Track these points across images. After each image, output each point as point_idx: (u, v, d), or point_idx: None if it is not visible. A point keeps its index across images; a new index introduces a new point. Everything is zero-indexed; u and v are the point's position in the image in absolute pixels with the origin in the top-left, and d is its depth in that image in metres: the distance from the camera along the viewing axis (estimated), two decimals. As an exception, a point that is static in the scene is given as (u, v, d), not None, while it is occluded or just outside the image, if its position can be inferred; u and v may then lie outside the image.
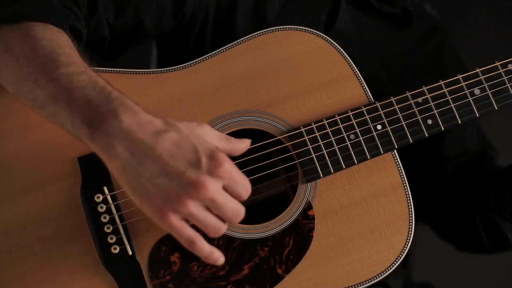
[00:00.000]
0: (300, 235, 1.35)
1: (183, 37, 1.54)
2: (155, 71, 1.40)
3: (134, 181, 1.13)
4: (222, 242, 1.34)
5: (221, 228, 1.18)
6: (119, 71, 1.39)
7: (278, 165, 1.41)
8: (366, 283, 1.35)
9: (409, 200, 1.37)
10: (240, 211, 1.18)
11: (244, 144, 1.26)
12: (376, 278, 1.35)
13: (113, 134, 1.13)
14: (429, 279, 1.83)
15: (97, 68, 1.36)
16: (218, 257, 1.23)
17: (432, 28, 1.71)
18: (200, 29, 1.53)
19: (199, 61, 1.41)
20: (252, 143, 1.38)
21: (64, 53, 1.20)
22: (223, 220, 1.18)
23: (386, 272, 1.35)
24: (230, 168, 1.15)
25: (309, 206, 1.36)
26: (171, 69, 1.40)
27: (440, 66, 1.68)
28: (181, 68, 1.40)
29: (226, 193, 1.16)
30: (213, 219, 1.17)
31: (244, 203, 1.46)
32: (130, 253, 1.31)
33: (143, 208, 1.15)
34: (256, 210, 1.48)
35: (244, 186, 1.18)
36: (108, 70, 1.38)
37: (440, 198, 1.73)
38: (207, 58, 1.41)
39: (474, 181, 1.68)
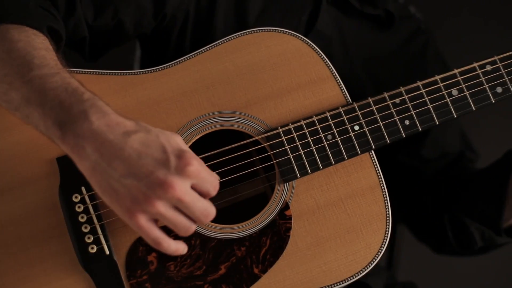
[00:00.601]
0: (277, 235, 1.36)
1: (164, 38, 1.55)
2: (134, 72, 1.41)
3: (103, 181, 1.14)
4: (199, 242, 1.34)
5: (191, 227, 1.19)
6: (99, 72, 1.40)
7: (256, 165, 1.41)
8: (342, 283, 1.35)
9: (386, 200, 1.38)
10: (209, 210, 1.18)
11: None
12: (353, 278, 1.35)
13: (83, 135, 1.14)
14: (415, 280, 1.83)
15: (76, 69, 1.38)
16: (183, 249, 1.23)
17: (416, 29, 1.72)
18: (181, 30, 1.54)
19: (178, 62, 1.42)
20: (230, 144, 1.39)
21: (38, 55, 1.21)
22: (192, 220, 1.19)
23: (363, 272, 1.35)
24: (198, 167, 1.15)
25: (286, 206, 1.37)
26: (150, 70, 1.41)
27: (424, 67, 1.69)
28: (160, 69, 1.41)
29: (195, 192, 1.16)
30: (182, 218, 1.17)
31: (222, 203, 1.48)
32: (108, 252, 1.32)
33: (113, 208, 1.16)
34: (235, 210, 1.49)
35: (212, 183, 1.19)
36: (88, 71, 1.39)
37: (417, 200, 1.74)
38: (185, 59, 1.42)
39: (449, 183, 1.69)
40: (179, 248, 1.22)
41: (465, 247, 1.67)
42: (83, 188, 1.33)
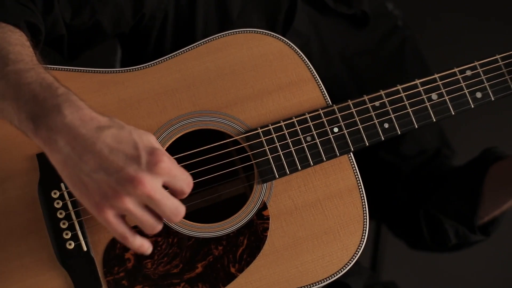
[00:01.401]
0: (254, 235, 1.36)
1: (144, 37, 1.56)
2: (116, 70, 1.42)
3: (74, 175, 1.15)
4: (177, 240, 1.35)
5: (157, 227, 1.19)
6: (81, 70, 1.41)
7: (235, 165, 1.42)
8: (319, 284, 1.36)
9: (364, 202, 1.39)
10: (179, 209, 1.18)
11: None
12: (329, 279, 1.36)
13: (55, 128, 1.15)
14: (400, 280, 1.84)
15: (59, 67, 1.39)
16: (147, 247, 1.23)
17: (393, 27, 1.73)
18: (160, 30, 1.55)
19: (160, 62, 1.43)
20: (209, 143, 1.40)
21: (14, 51, 1.22)
22: (161, 218, 1.19)
23: (339, 273, 1.36)
24: (169, 164, 1.15)
25: (264, 207, 1.38)
26: (132, 69, 1.42)
27: (402, 65, 1.70)
28: (142, 68, 1.42)
29: (165, 190, 1.17)
30: (149, 217, 1.17)
31: (202, 202, 1.49)
32: (85, 249, 1.33)
33: (82, 201, 1.17)
34: (214, 209, 1.50)
35: (185, 180, 1.19)
36: (70, 68, 1.40)
37: (393, 196, 1.75)
38: (167, 58, 1.43)
39: (425, 179, 1.70)
40: (143, 244, 1.21)
41: (439, 243, 1.68)
42: (62, 185, 1.34)
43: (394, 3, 1.78)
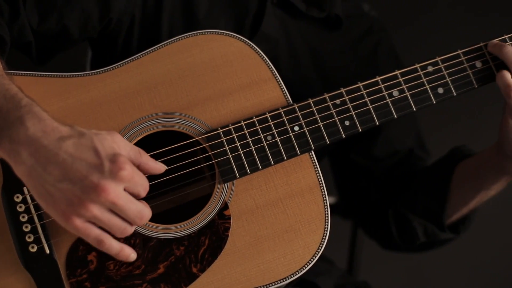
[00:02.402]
0: (215, 235, 1.37)
1: (112, 41, 1.57)
2: (78, 74, 1.43)
3: (39, 186, 1.18)
4: (139, 242, 1.36)
5: (126, 229, 1.22)
6: (43, 74, 1.42)
7: (196, 165, 1.43)
8: (280, 282, 1.36)
9: (325, 200, 1.39)
10: (143, 212, 1.22)
11: (157, 165, 1.29)
12: (291, 277, 1.37)
13: (18, 140, 1.18)
14: (375, 280, 1.84)
15: (21, 72, 1.41)
16: (129, 253, 1.28)
17: (368, 28, 1.72)
18: (127, 33, 1.56)
19: (122, 64, 1.44)
20: (170, 144, 1.41)
21: None
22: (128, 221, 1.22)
23: (301, 271, 1.37)
24: (131, 171, 1.19)
25: (225, 206, 1.39)
26: (94, 72, 1.43)
27: (375, 66, 1.70)
28: (104, 71, 1.43)
29: (129, 195, 1.20)
30: (117, 220, 1.21)
31: (169, 203, 1.50)
32: (48, 252, 1.34)
33: (49, 212, 1.20)
34: (181, 210, 1.51)
35: (143, 185, 1.23)
36: (32, 73, 1.42)
37: (366, 198, 1.75)
38: (129, 61, 1.44)
39: (396, 179, 1.70)
40: (123, 248, 1.26)
41: (408, 242, 1.69)
42: (25, 189, 1.36)
43: (371, 4, 1.78)
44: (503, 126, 1.46)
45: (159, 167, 1.29)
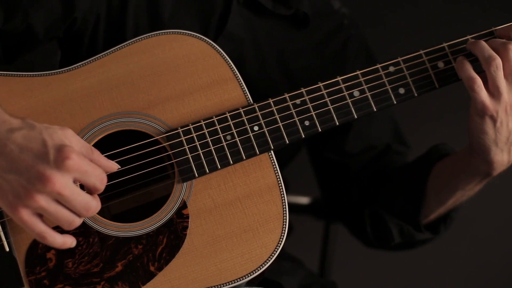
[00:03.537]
0: (174, 234, 1.38)
1: (78, 40, 1.58)
2: (41, 74, 1.44)
3: None
4: (97, 240, 1.37)
5: (74, 221, 1.23)
6: (6, 74, 1.44)
7: (155, 165, 1.44)
8: (237, 281, 1.37)
9: (284, 200, 1.40)
10: (90, 204, 1.22)
11: (109, 163, 1.29)
12: (248, 276, 1.37)
13: None
14: (347, 281, 1.84)
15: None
16: (70, 243, 1.27)
17: (338, 25, 1.72)
18: (93, 32, 1.57)
19: (85, 64, 1.45)
20: (130, 143, 1.42)
21: None
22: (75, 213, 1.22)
23: (258, 270, 1.37)
24: (78, 161, 1.19)
25: (184, 205, 1.39)
26: (57, 71, 1.45)
27: (344, 64, 1.69)
28: (67, 70, 1.45)
29: (75, 186, 1.20)
30: (64, 212, 1.21)
31: (130, 202, 1.51)
32: (7, 249, 1.35)
33: None
34: (143, 209, 1.52)
35: (98, 177, 1.23)
36: (-2, 73, 1.44)
37: (345, 195, 1.75)
38: (92, 60, 1.45)
39: (374, 177, 1.69)
40: (66, 241, 1.26)
41: (383, 242, 1.68)
42: (-15, 187, 1.37)
43: (342, 1, 1.78)
44: (469, 124, 1.45)
45: (111, 165, 1.29)
